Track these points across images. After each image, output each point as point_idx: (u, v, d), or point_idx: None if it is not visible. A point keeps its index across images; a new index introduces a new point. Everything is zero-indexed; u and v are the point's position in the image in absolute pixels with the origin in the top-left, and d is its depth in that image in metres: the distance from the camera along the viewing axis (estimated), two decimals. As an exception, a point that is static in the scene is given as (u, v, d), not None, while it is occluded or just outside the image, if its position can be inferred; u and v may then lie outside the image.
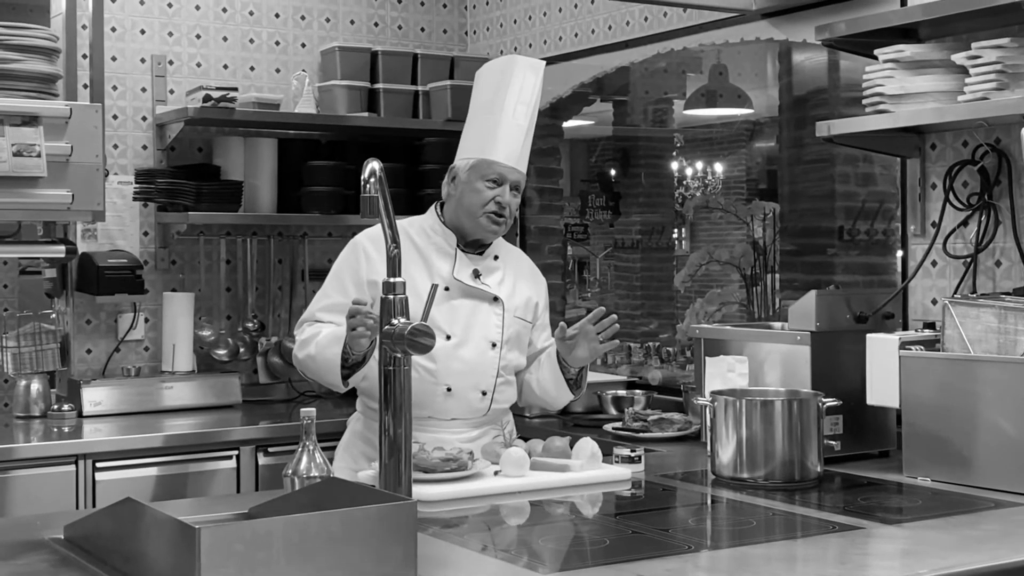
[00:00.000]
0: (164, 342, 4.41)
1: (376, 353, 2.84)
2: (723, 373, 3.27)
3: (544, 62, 3.21)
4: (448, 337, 3.02)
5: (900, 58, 3.10)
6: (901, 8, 3.31)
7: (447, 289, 3.03)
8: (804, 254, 4.46)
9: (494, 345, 3.09)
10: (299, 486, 2.33)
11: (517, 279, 3.18)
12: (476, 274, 3.10)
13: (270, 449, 3.93)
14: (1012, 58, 2.89)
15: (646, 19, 4.35)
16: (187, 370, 4.37)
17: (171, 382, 4.25)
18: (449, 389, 3.03)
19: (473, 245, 3.14)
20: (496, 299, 3.10)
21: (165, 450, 3.80)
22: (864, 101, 3.20)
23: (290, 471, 2.36)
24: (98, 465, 3.68)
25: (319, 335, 3.00)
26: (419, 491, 2.53)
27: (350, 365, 2.93)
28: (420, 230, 3.13)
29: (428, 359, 2.95)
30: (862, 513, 2.53)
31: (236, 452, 3.90)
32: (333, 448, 3.18)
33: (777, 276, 4.58)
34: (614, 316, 2.99)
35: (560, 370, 3.10)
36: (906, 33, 3.23)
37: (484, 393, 3.08)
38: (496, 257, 3.16)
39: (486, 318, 3.09)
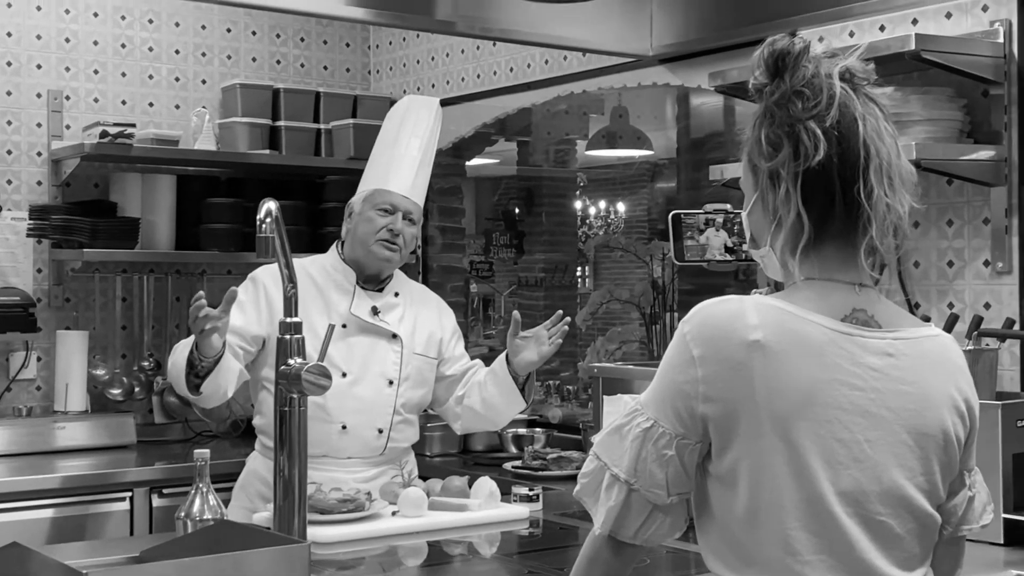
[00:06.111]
0: (57, 381, 4.32)
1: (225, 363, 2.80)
2: (621, 412, 3.29)
3: (438, 100, 3.28)
4: (344, 374, 3.01)
5: (790, 105, 3.18)
6: (792, 56, 3.39)
7: (344, 326, 3.02)
8: (702, 293, 4.51)
9: (391, 382, 3.08)
10: (192, 528, 2.30)
11: (419, 315, 3.19)
12: (375, 311, 3.10)
13: (164, 490, 3.86)
14: (897, 106, 2.97)
15: (547, 62, 4.40)
16: (80, 410, 4.28)
17: (64, 422, 4.16)
18: (344, 427, 3.02)
19: (373, 281, 3.14)
20: (395, 336, 3.10)
21: (58, 492, 3.71)
22: (756, 146, 3.27)
23: (183, 513, 2.33)
24: (-13, 508, 3.59)
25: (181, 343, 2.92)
26: (315, 532, 2.51)
27: (203, 374, 2.82)
28: (320, 268, 3.12)
29: (322, 396, 2.93)
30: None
31: (130, 494, 3.82)
32: (229, 489, 3.14)
33: (676, 315, 4.65)
34: (569, 318, 3.02)
35: (511, 378, 3.07)
36: (797, 80, 3.31)
37: (380, 431, 3.07)
38: (397, 294, 3.17)
39: (384, 355, 3.09)
